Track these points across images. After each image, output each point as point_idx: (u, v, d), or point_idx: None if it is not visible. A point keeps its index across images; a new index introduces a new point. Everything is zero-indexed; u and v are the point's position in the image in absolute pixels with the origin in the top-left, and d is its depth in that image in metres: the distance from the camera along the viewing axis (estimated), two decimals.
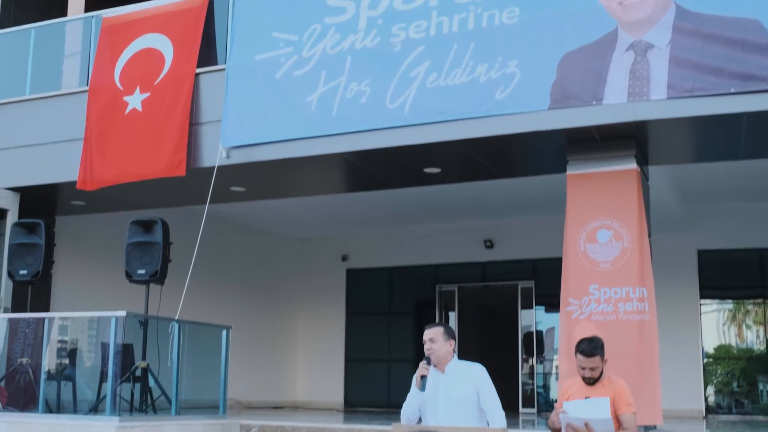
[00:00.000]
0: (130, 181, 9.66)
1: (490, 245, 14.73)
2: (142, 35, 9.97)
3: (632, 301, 7.75)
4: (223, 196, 10.17)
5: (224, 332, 9.22)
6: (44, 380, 8.44)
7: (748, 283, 13.48)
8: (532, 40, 7.93)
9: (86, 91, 10.08)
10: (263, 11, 9.36)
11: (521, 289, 14.67)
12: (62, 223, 11.31)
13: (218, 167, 9.11)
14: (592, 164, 8.17)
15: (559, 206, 8.44)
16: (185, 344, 8.85)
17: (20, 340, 8.96)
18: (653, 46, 7.48)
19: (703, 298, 13.58)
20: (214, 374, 9.20)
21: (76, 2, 12.69)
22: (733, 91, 7.17)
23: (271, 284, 15.50)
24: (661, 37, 7.46)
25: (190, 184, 9.61)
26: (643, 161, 8.40)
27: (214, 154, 9.21)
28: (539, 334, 14.58)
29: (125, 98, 9.78)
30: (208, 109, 9.43)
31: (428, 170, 9.53)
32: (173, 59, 9.67)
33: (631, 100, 7.49)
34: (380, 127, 8.47)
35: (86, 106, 9.97)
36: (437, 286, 15.39)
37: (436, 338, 5.14)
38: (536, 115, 7.82)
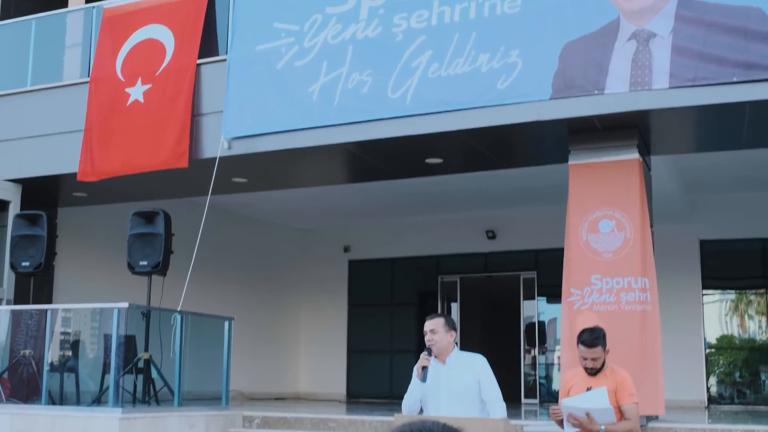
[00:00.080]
0: (132, 172, 9.65)
1: (492, 236, 14.70)
2: (143, 26, 9.95)
3: (634, 291, 7.74)
4: (224, 187, 10.15)
5: (226, 323, 9.23)
6: (47, 372, 8.45)
7: (750, 273, 13.45)
8: (533, 29, 7.90)
9: (88, 82, 10.06)
10: (264, 1, 9.33)
11: (523, 279, 14.64)
12: (64, 214, 11.30)
13: (220, 158, 9.10)
14: (594, 154, 8.15)
15: (561, 196, 8.42)
16: (187, 335, 8.87)
17: (23, 331, 8.98)
18: (655, 35, 7.45)
19: (705, 288, 13.54)
20: (216, 365, 9.21)
21: None
22: (735, 80, 7.14)
23: (272, 275, 15.50)
24: (663, 26, 7.43)
25: (191, 175, 9.60)
26: (645, 151, 8.37)
27: (215, 145, 9.20)
28: (541, 324, 14.57)
29: (127, 90, 9.76)
30: (209, 100, 9.42)
31: (430, 160, 9.51)
32: (174, 50, 9.65)
33: (633, 89, 7.46)
34: (382, 117, 8.45)
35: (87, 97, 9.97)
36: (439, 277, 15.36)
37: (437, 329, 5.13)
38: (538, 104, 7.81)
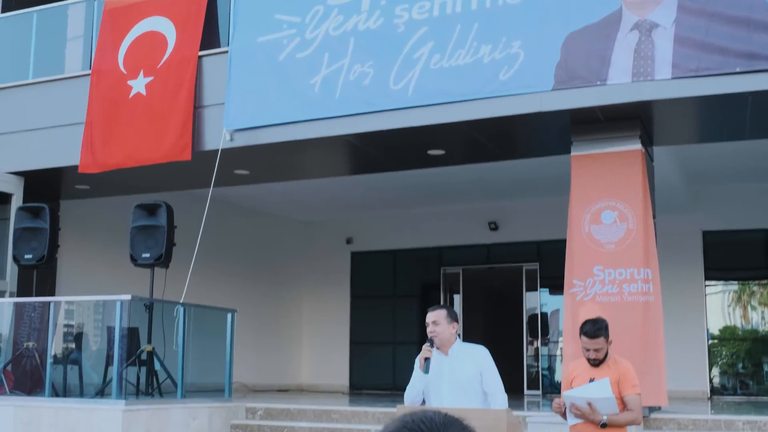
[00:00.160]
0: (134, 165, 9.64)
1: (494, 227, 14.69)
2: (144, 18, 9.93)
3: (637, 282, 7.73)
4: (226, 179, 10.15)
5: (229, 315, 9.25)
6: (50, 364, 8.48)
7: (753, 264, 13.44)
8: (536, 20, 7.88)
9: (89, 74, 10.05)
10: None
11: (526, 271, 14.63)
12: (67, 207, 11.30)
13: (222, 150, 9.09)
14: (596, 145, 8.14)
15: (563, 187, 8.41)
16: (190, 328, 8.88)
17: (26, 324, 9.00)
18: (658, 25, 7.42)
19: (707, 279, 13.53)
20: (219, 357, 9.23)
21: None
22: (738, 70, 7.12)
23: (275, 267, 15.51)
24: (665, 16, 7.40)
25: (194, 167, 9.59)
26: (647, 142, 8.36)
27: (217, 137, 9.19)
28: (544, 316, 14.58)
29: (129, 82, 9.75)
30: (211, 92, 9.41)
31: (432, 152, 9.50)
32: (176, 42, 9.63)
33: (635, 80, 7.44)
34: (384, 108, 8.43)
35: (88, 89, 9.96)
36: (442, 268, 15.35)
37: (439, 321, 5.12)
38: (540, 95, 7.79)
